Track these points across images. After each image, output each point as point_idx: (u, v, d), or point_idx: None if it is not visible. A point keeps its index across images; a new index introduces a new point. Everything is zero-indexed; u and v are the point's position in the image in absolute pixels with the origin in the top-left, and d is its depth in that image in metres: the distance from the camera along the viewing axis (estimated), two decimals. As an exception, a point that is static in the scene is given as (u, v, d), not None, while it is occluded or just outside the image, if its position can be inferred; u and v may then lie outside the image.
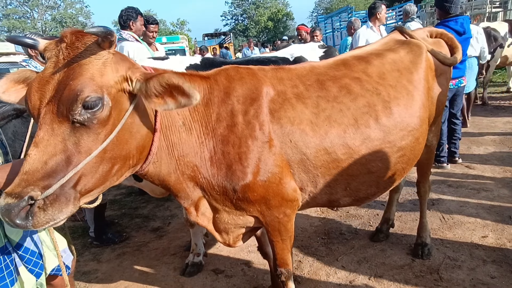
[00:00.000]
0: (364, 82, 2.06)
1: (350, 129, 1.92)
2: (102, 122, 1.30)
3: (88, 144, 1.28)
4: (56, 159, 1.24)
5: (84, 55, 1.30)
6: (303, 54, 3.30)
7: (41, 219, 1.20)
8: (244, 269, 3.09)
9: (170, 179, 1.69)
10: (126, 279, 3.10)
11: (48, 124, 1.26)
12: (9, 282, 1.59)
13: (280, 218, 1.89)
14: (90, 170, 1.30)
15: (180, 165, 1.68)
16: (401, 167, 2.14)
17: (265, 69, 1.98)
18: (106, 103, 1.30)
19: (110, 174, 1.39)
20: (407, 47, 2.36)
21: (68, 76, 1.27)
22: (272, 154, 1.77)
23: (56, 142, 1.25)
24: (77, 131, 1.27)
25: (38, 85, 1.29)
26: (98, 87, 1.28)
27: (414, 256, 2.98)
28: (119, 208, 4.77)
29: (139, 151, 1.48)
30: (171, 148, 1.64)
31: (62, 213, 1.25)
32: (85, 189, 1.31)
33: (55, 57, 1.32)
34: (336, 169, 1.93)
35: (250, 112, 1.76)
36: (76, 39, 1.32)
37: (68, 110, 1.23)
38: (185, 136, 1.67)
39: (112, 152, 1.35)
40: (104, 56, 1.34)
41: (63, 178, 1.23)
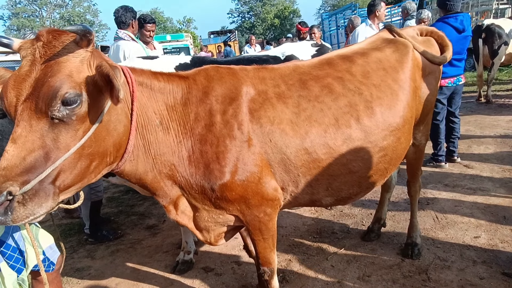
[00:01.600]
0: (346, 82, 2.05)
1: (331, 129, 1.92)
2: (81, 119, 1.33)
3: (66, 140, 1.31)
4: (34, 155, 1.26)
5: (61, 53, 1.32)
6: (295, 53, 3.30)
7: (20, 213, 1.22)
8: (234, 267, 3.11)
9: (147, 178, 1.71)
10: (118, 276, 3.14)
11: (26, 120, 1.28)
12: None
13: (260, 217, 1.90)
14: (68, 166, 1.33)
15: (157, 163, 1.69)
16: (383, 167, 2.13)
17: (247, 68, 1.99)
18: (84, 99, 1.32)
19: (88, 170, 1.41)
20: (393, 46, 2.34)
21: (46, 73, 1.29)
22: (251, 153, 1.78)
23: (35, 138, 1.27)
24: (55, 128, 1.29)
25: (15, 82, 1.31)
26: (76, 83, 1.30)
27: (403, 256, 2.96)
28: (116, 206, 4.82)
29: (116, 148, 1.50)
30: (148, 147, 1.66)
31: (42, 208, 1.27)
32: (64, 184, 1.34)
33: (31, 56, 1.33)
34: (317, 169, 1.94)
35: (229, 112, 1.77)
36: (53, 38, 1.34)
37: (47, 107, 1.26)
38: (162, 135, 1.69)
39: (90, 149, 1.37)
40: (81, 54, 1.36)
41: (42, 173, 1.25)
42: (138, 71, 1.67)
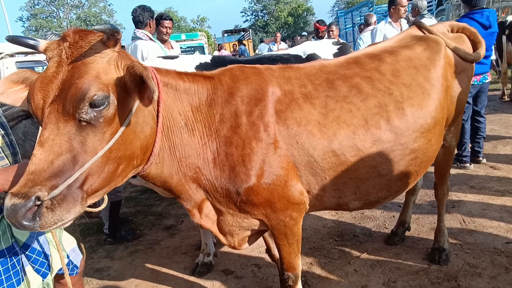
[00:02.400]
0: (375, 81, 1.96)
1: (360, 131, 1.84)
2: (108, 121, 1.29)
3: (94, 144, 1.27)
4: (62, 158, 1.23)
5: (88, 53, 1.29)
6: (316, 51, 3.22)
7: (49, 219, 1.19)
8: (254, 270, 3.05)
9: (172, 181, 1.66)
10: (137, 277, 3.12)
11: (54, 123, 1.25)
12: (15, 282, 1.61)
13: (286, 222, 1.83)
14: (96, 170, 1.29)
15: (182, 166, 1.65)
16: (413, 169, 2.04)
17: (272, 68, 1.92)
18: (112, 101, 1.29)
19: (116, 174, 1.37)
20: (424, 43, 2.24)
21: (73, 74, 1.26)
22: (277, 156, 1.71)
23: (62, 142, 1.24)
24: (83, 130, 1.26)
25: (41, 84, 1.28)
26: (104, 85, 1.27)
27: (430, 261, 2.86)
28: (134, 206, 4.82)
29: (142, 151, 1.47)
30: (173, 149, 1.61)
31: (70, 213, 1.23)
32: (92, 189, 1.30)
33: (57, 57, 1.31)
34: (345, 172, 1.86)
35: (255, 113, 1.71)
36: (80, 38, 1.31)
37: (75, 109, 1.22)
38: (187, 137, 1.64)
39: (117, 152, 1.34)
40: (108, 55, 1.33)
41: (69, 178, 1.22)
42: (163, 72, 1.63)
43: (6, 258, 1.58)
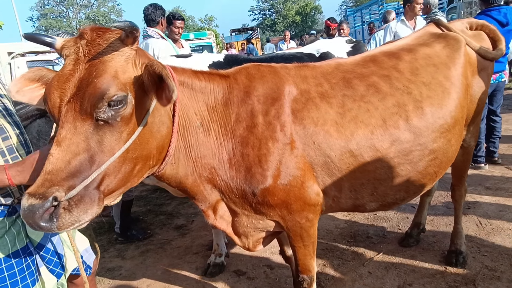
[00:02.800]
0: (393, 80, 1.92)
1: (378, 131, 1.79)
2: (126, 121, 1.28)
3: (111, 143, 1.26)
4: (79, 158, 1.21)
5: (106, 51, 1.27)
6: (330, 50, 3.17)
7: (66, 220, 1.17)
8: (267, 271, 3.02)
9: (187, 181, 1.64)
10: (149, 277, 3.11)
11: (71, 122, 1.23)
12: (30, 282, 1.60)
13: (302, 223, 1.80)
14: (113, 170, 1.27)
15: (197, 167, 1.62)
16: (432, 170, 1.98)
17: (288, 67, 1.89)
18: (129, 100, 1.27)
19: (132, 174, 1.36)
20: (443, 41, 2.18)
21: (90, 73, 1.24)
22: (294, 156, 1.68)
23: (79, 141, 1.22)
24: (100, 130, 1.24)
25: (58, 83, 1.27)
26: (122, 84, 1.25)
27: (447, 264, 2.80)
28: (144, 205, 4.83)
29: (159, 151, 1.44)
30: (188, 149, 1.59)
31: (87, 214, 1.21)
32: (108, 189, 1.29)
33: (74, 55, 1.29)
34: (362, 173, 1.82)
35: (271, 113, 1.67)
36: (97, 36, 1.29)
37: (93, 108, 1.21)
38: (203, 137, 1.61)
39: (134, 152, 1.32)
40: (126, 53, 1.31)
41: (87, 178, 1.20)
42: (179, 70, 1.60)
43: (21, 258, 1.57)
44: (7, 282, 1.52)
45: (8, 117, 1.61)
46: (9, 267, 1.53)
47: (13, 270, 1.54)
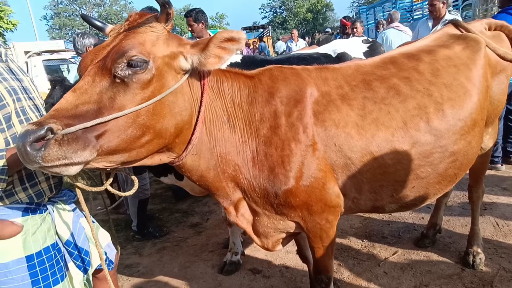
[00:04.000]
0: (414, 82, 1.92)
1: (399, 133, 1.80)
2: (142, 85, 1.32)
3: (122, 102, 1.29)
4: (88, 106, 1.25)
5: (141, 25, 1.38)
6: (346, 50, 3.17)
7: (53, 152, 1.15)
8: (282, 270, 3.05)
9: (209, 176, 1.66)
10: (166, 274, 3.17)
11: (91, 75, 1.31)
12: (60, 277, 1.66)
13: (322, 225, 1.82)
14: (118, 128, 1.28)
15: (221, 162, 1.65)
16: (452, 173, 1.99)
17: (309, 69, 1.90)
18: (150, 67, 1.33)
19: (138, 142, 1.34)
20: (463, 42, 2.17)
21: (122, 39, 1.35)
22: (315, 158, 1.70)
23: (93, 93, 1.28)
24: (115, 87, 1.30)
25: (95, 50, 1.39)
26: (146, 52, 1.33)
27: (464, 265, 2.79)
28: (159, 202, 4.89)
29: (176, 132, 1.46)
30: (214, 144, 1.62)
31: (76, 155, 1.19)
32: (108, 145, 1.27)
33: (116, 33, 1.42)
34: (382, 175, 1.83)
35: (294, 114, 1.70)
36: (139, 17, 1.42)
37: (113, 63, 1.28)
38: (229, 133, 1.65)
39: (145, 119, 1.33)
40: (159, 30, 1.40)
41: (88, 122, 1.21)
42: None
43: (51, 254, 1.63)
44: (39, 276, 1.58)
45: (29, 101, 1.67)
46: (41, 262, 1.60)
47: (44, 265, 1.61)
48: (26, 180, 1.55)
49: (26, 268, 1.55)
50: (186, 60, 1.45)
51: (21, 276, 1.54)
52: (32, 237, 1.58)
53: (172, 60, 1.42)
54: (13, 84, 1.58)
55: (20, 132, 1.16)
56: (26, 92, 1.65)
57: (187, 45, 1.47)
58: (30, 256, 1.56)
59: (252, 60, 2.91)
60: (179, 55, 1.44)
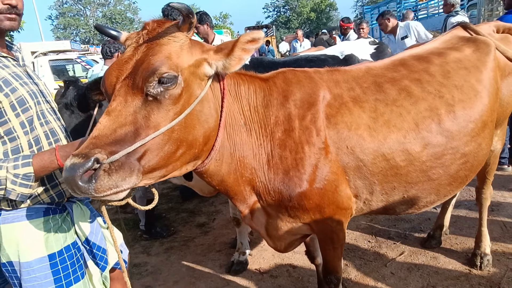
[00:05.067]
0: (425, 84, 1.93)
1: (411, 134, 1.82)
2: (173, 100, 1.33)
3: (157, 119, 1.30)
4: (125, 129, 1.26)
5: (163, 35, 1.36)
6: (354, 52, 3.18)
7: (104, 183, 1.18)
8: (289, 270, 3.07)
9: (229, 180, 1.67)
10: (174, 274, 3.20)
11: (122, 95, 1.31)
12: (80, 275, 1.70)
13: (333, 227, 1.84)
14: (156, 147, 1.30)
15: (240, 166, 1.66)
16: (463, 174, 2.00)
17: (320, 71, 1.92)
18: (179, 82, 1.34)
19: (174, 156, 1.37)
20: (473, 45, 2.18)
21: (147, 53, 1.33)
22: (328, 161, 1.72)
23: (127, 114, 1.28)
24: (148, 105, 1.30)
25: (117, 65, 1.37)
26: (174, 66, 1.33)
27: (471, 266, 2.80)
28: (166, 202, 4.92)
29: (204, 141, 1.48)
30: (233, 148, 1.63)
31: (125, 182, 1.22)
32: (149, 165, 1.30)
33: (135, 43, 1.40)
34: (394, 176, 1.84)
35: (307, 117, 1.71)
36: (158, 26, 1.40)
37: (144, 82, 1.28)
38: (246, 136, 1.66)
39: (179, 133, 1.35)
40: (181, 39, 1.39)
41: (130, 146, 1.24)
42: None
43: (72, 253, 1.67)
44: (61, 274, 1.62)
45: (46, 104, 1.70)
46: (62, 261, 1.63)
47: (65, 263, 1.64)
48: (47, 182, 1.58)
49: (49, 267, 1.58)
50: (210, 66, 1.45)
51: (44, 274, 1.57)
52: (53, 236, 1.61)
53: (197, 68, 1.41)
54: (33, 88, 1.61)
55: (66, 165, 1.18)
56: (43, 95, 1.69)
57: (210, 51, 1.46)
58: (52, 255, 1.59)
59: (260, 62, 2.92)
60: (203, 62, 1.43)
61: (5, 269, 1.59)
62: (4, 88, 1.45)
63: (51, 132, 1.64)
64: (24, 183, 1.41)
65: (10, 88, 1.47)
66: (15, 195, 1.41)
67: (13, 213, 1.53)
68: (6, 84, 1.47)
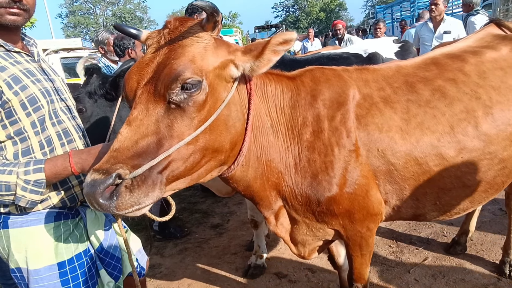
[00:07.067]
0: (460, 84, 1.83)
1: (445, 138, 1.71)
2: (198, 107, 1.25)
3: (181, 128, 1.23)
4: (148, 140, 1.19)
5: (186, 35, 1.27)
6: (377, 50, 3.07)
7: (126, 200, 1.12)
8: (308, 274, 2.98)
9: (255, 185, 1.59)
10: (189, 276, 3.13)
11: (144, 103, 1.23)
12: (92, 285, 1.62)
13: (362, 233, 1.74)
14: (180, 157, 1.23)
15: (266, 171, 1.58)
16: (500, 180, 1.89)
17: (349, 70, 1.83)
18: (204, 87, 1.25)
19: (199, 165, 1.31)
20: (510, 43, 2.07)
21: (169, 56, 1.25)
22: (359, 164, 1.63)
23: (149, 123, 1.21)
24: (171, 113, 1.22)
25: (137, 68, 1.29)
26: (198, 70, 1.24)
27: (499, 274, 2.69)
28: (179, 202, 4.86)
29: (231, 146, 1.40)
30: (260, 151, 1.55)
31: (148, 198, 1.16)
32: (172, 175, 1.23)
33: (156, 43, 1.31)
34: (426, 182, 1.74)
35: (337, 118, 1.62)
36: (180, 24, 1.31)
37: (166, 89, 1.20)
38: (272, 139, 1.58)
39: (204, 141, 1.28)
40: (206, 40, 1.30)
41: (154, 159, 1.17)
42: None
43: (83, 261, 1.59)
44: (70, 284, 1.53)
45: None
46: (72, 270, 1.55)
47: (76, 272, 1.56)
48: (59, 185, 1.50)
49: (58, 276, 1.51)
50: (237, 68, 1.35)
51: (53, 283, 1.49)
52: (64, 243, 1.53)
53: (223, 70, 1.32)
54: (46, 85, 1.52)
55: (86, 181, 1.12)
56: (58, 93, 1.60)
57: (238, 51, 1.37)
58: (62, 263, 1.52)
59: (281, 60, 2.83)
60: (230, 64, 1.34)
61: (14, 275, 1.53)
62: (14, 86, 1.36)
63: (63, 132, 1.55)
64: (35, 189, 1.33)
65: (20, 85, 1.38)
66: (25, 201, 1.34)
67: (22, 218, 1.46)
68: (16, 81, 1.37)
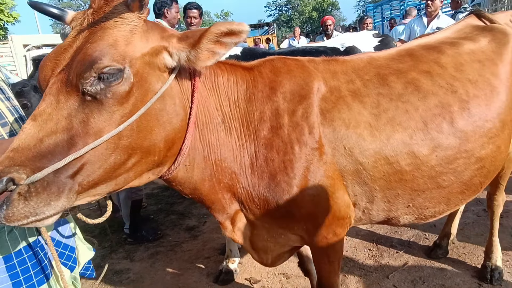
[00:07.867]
0: (436, 77, 1.69)
1: (418, 135, 1.57)
2: (119, 99, 1.06)
3: (98, 124, 1.04)
4: (56, 138, 1.00)
5: (109, 17, 1.08)
6: (356, 44, 2.93)
7: (18, 210, 0.93)
8: (282, 280, 2.83)
9: (203, 188, 1.42)
10: (157, 282, 2.96)
11: (54, 95, 1.04)
12: (45, 276, 1.47)
13: (329, 238, 1.59)
14: (98, 158, 1.04)
15: (217, 171, 1.41)
16: (478, 181, 1.75)
17: (315, 60, 1.68)
18: (127, 76, 1.07)
19: (124, 167, 1.12)
20: (488, 35, 1.94)
21: (87, 40, 1.06)
22: (323, 163, 1.47)
23: (60, 118, 1.02)
24: (86, 107, 1.04)
25: (54, 54, 1.10)
26: (120, 56, 1.06)
27: (480, 279, 2.56)
28: (155, 203, 4.68)
29: (167, 145, 1.22)
30: (208, 150, 1.38)
31: (49, 207, 0.97)
32: (88, 181, 1.05)
33: (79, 26, 1.12)
34: (398, 182, 1.60)
35: (298, 112, 1.47)
36: (105, 4, 1.11)
37: (79, 78, 1.01)
38: (224, 136, 1.41)
39: (129, 140, 1.10)
40: (132, 21, 1.12)
41: (60, 161, 0.97)
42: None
43: (33, 252, 1.44)
44: (21, 277, 1.38)
45: (6, 102, 1.47)
46: (21, 262, 1.40)
47: (25, 265, 1.41)
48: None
49: (5, 270, 1.35)
50: (171, 56, 1.18)
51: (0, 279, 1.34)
52: (8, 235, 1.37)
53: (155, 58, 1.15)
54: None
55: None
56: (2, 93, 1.44)
57: (173, 38, 1.19)
58: (8, 257, 1.36)
59: (253, 52, 2.68)
60: (163, 51, 1.17)
61: None
62: None
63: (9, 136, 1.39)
64: None
65: None
66: None
67: None
68: None
